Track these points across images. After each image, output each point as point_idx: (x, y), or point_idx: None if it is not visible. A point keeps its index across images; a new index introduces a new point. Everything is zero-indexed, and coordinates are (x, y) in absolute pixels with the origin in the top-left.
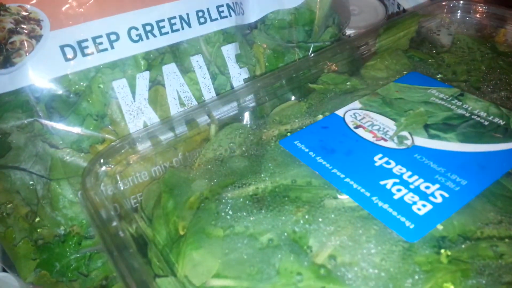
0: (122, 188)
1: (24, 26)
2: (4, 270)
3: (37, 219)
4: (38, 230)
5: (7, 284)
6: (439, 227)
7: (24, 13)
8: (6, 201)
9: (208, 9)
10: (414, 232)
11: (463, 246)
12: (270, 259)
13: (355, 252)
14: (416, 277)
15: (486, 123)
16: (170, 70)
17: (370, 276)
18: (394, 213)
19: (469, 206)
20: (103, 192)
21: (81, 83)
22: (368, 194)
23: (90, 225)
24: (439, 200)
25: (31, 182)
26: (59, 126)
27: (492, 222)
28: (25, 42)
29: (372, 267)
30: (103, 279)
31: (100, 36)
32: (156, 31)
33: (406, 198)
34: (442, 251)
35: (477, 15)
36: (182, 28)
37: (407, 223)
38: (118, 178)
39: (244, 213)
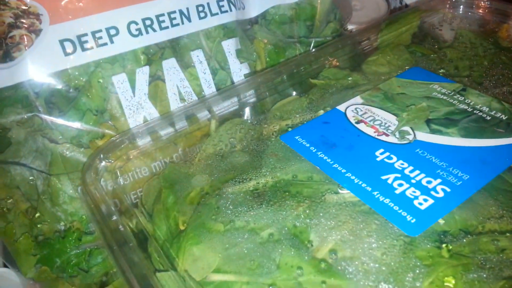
0: (122, 184)
1: (24, 21)
2: (5, 266)
3: (37, 214)
4: (38, 226)
5: (8, 280)
6: (441, 221)
7: (24, 7)
8: (6, 196)
9: (208, 4)
10: (415, 226)
11: (464, 240)
12: (271, 253)
13: (356, 246)
14: (417, 271)
15: (488, 118)
16: (170, 65)
17: (371, 270)
18: (396, 208)
19: (471, 201)
20: (103, 187)
21: (81, 78)
22: (369, 188)
23: (90, 220)
24: (440, 194)
25: (31, 178)
26: (59, 121)
27: (493, 216)
28: (25, 37)
29: (373, 262)
30: (104, 275)
31: (100, 31)
32: (156, 26)
33: (408, 193)
34: (444, 245)
35: (480, 10)
36: (182, 23)
37: (409, 218)
38: (118, 173)
39: (245, 208)
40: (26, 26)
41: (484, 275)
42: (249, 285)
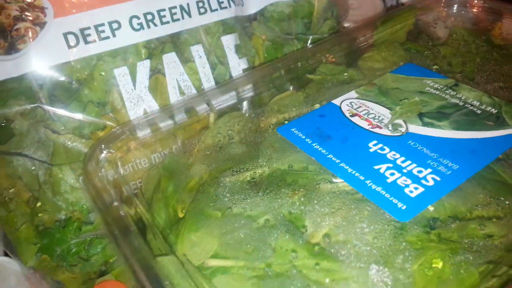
0: (122, 174)
1: (29, 14)
2: (6, 254)
3: (39, 204)
4: (40, 215)
5: (8, 269)
6: (430, 208)
7: (29, 1)
8: (8, 186)
9: (208, 0)
10: (405, 212)
11: (453, 226)
12: (267, 238)
13: (348, 231)
14: (407, 254)
15: (478, 111)
16: (170, 59)
17: (362, 253)
18: (387, 195)
19: (460, 189)
20: (104, 177)
21: (83, 71)
22: (362, 178)
23: (92, 208)
24: (431, 183)
25: (33, 168)
26: (61, 112)
27: (481, 204)
28: (30, 29)
29: (364, 245)
30: (103, 264)
31: (102, 24)
32: (157, 20)
33: (399, 182)
34: (433, 230)
35: (474, 9)
36: (183, 18)
37: (399, 204)
38: (119, 163)
39: (242, 196)
40: (31, 19)
41: (471, 257)
42: (245, 269)
